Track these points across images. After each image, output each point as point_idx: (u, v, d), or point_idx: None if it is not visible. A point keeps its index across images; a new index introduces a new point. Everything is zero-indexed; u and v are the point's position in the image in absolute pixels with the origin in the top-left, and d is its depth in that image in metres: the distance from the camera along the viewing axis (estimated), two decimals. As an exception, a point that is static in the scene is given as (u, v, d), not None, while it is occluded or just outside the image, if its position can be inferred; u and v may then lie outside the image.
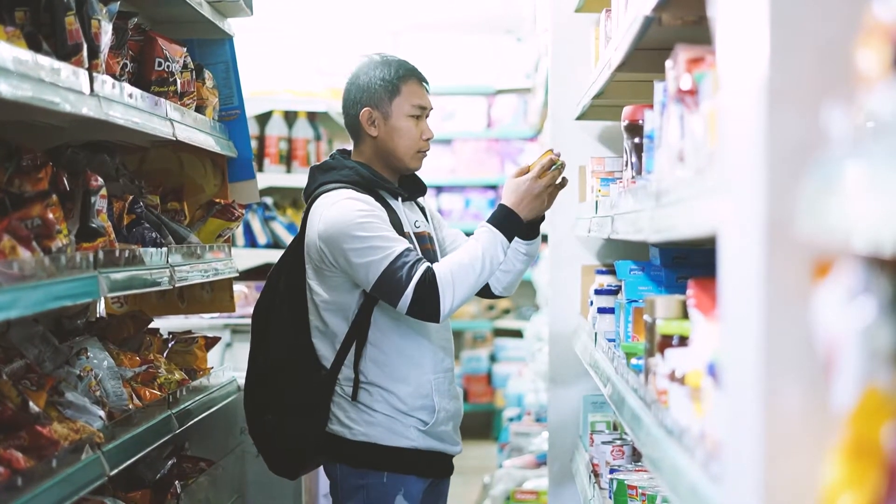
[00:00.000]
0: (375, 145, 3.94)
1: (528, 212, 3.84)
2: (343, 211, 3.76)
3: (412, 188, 4.07)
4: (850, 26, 1.43)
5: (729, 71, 1.79)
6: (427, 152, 4.00)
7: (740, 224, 1.66)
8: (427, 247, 3.97)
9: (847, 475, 1.21)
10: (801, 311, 1.51)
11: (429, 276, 3.67)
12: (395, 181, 3.99)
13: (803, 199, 1.39)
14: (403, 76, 3.95)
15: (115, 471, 3.18)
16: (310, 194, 3.95)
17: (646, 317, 2.80)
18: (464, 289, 3.71)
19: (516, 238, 3.96)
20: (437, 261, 3.88)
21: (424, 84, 4.00)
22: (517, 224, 3.82)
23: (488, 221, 3.82)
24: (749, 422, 1.60)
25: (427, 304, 3.68)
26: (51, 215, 2.87)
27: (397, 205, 3.94)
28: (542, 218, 4.01)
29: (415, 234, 3.93)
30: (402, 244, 3.72)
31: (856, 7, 1.40)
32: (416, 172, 4.03)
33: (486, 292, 4.14)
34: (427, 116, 3.99)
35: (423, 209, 4.13)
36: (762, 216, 1.55)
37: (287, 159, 7.63)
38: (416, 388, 3.86)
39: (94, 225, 3.31)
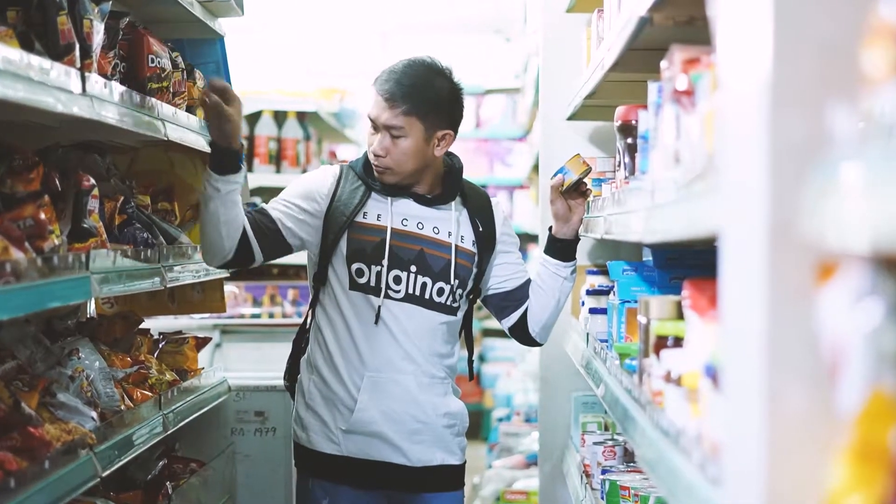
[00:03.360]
0: None
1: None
2: None
3: (447, 192, 3.92)
4: (855, 26, 1.42)
5: (730, 70, 1.78)
6: (381, 169, 3.82)
7: (742, 225, 1.65)
8: (405, 245, 3.82)
9: (853, 478, 1.21)
10: (805, 314, 1.50)
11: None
12: (427, 185, 3.88)
13: (807, 200, 1.38)
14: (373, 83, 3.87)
15: (108, 472, 3.17)
16: None
17: (640, 317, 2.80)
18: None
19: (554, 260, 3.95)
20: (422, 266, 3.81)
21: (378, 91, 3.82)
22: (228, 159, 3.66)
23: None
24: (751, 424, 1.59)
25: None
26: (43, 216, 2.86)
27: (380, 199, 3.84)
28: (578, 239, 3.99)
29: (393, 228, 3.81)
30: (274, 207, 3.82)
31: (861, 7, 1.40)
32: (464, 174, 3.98)
33: (524, 337, 4.07)
34: (385, 131, 3.79)
35: (475, 219, 3.93)
36: (765, 217, 1.54)
37: (277, 159, 7.60)
38: (342, 379, 3.80)
39: (85, 225, 3.30)
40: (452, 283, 3.84)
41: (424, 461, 3.83)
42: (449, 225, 3.89)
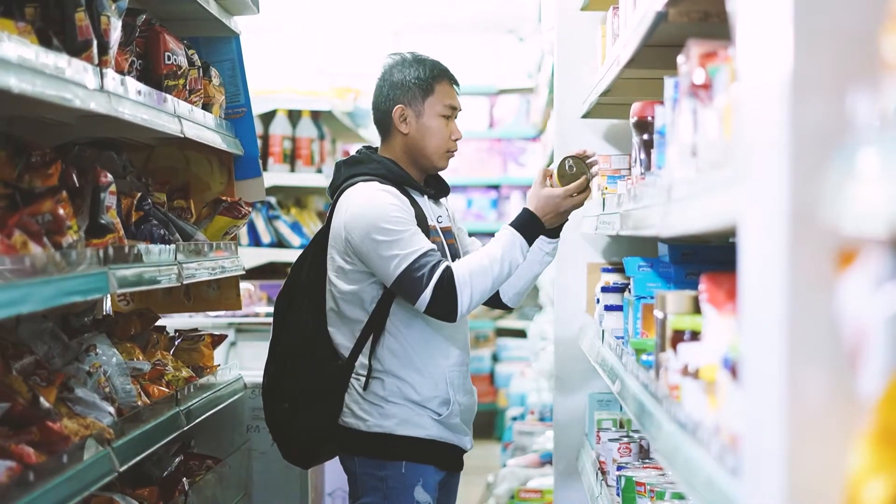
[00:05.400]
0: (405, 143, 3.96)
1: (550, 224, 3.87)
2: (373, 202, 3.79)
3: (436, 187, 4.09)
4: (875, 14, 1.43)
5: (750, 61, 1.78)
6: (455, 152, 4.03)
7: (763, 214, 1.66)
8: (451, 241, 3.99)
9: (875, 462, 1.21)
10: (825, 300, 1.51)
11: (447, 276, 3.69)
12: (420, 180, 4.01)
13: (827, 188, 1.39)
14: (437, 76, 3.98)
15: (125, 467, 3.18)
16: (336, 188, 3.97)
17: (656, 312, 2.80)
18: (481, 290, 3.74)
19: (542, 236, 3.95)
20: (460, 257, 3.92)
21: (456, 85, 4.03)
22: (539, 231, 3.85)
23: (511, 224, 3.85)
24: (772, 412, 1.60)
25: (444, 304, 3.71)
26: (61, 211, 2.87)
27: (423, 201, 3.96)
28: (566, 219, 4.00)
29: (440, 228, 3.96)
30: (426, 243, 3.75)
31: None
32: (440, 173, 4.07)
33: (495, 301, 4.15)
34: (456, 117, 4.02)
35: (445, 208, 4.14)
36: (786, 205, 1.55)
37: (291, 158, 7.62)
38: (431, 379, 3.87)
39: (103, 221, 3.31)
40: None
41: (470, 444, 4.05)
42: (444, 213, 4.08)
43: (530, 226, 3.83)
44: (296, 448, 4.10)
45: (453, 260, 3.91)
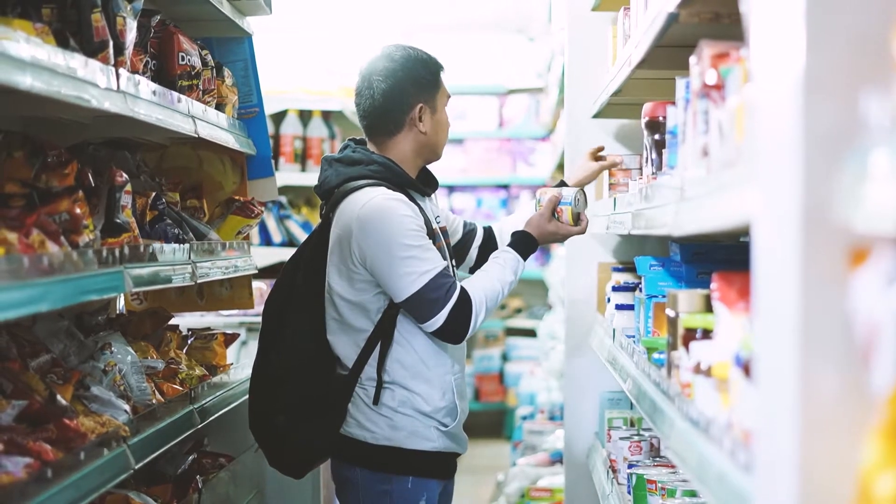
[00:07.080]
0: (419, 141, 3.85)
1: (544, 244, 4.03)
2: (388, 214, 3.64)
3: (427, 182, 3.97)
4: (886, 16, 1.45)
5: (762, 61, 1.80)
6: None
7: (776, 213, 1.68)
8: (447, 241, 3.93)
9: (887, 457, 1.23)
10: (838, 298, 1.53)
11: (464, 301, 3.66)
12: (415, 177, 3.90)
13: (840, 187, 1.41)
14: (440, 67, 3.92)
15: (140, 464, 3.20)
16: (332, 187, 3.80)
17: (668, 311, 2.82)
18: (489, 313, 3.76)
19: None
20: (450, 255, 3.91)
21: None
22: (533, 251, 3.96)
23: (514, 249, 3.88)
24: (785, 408, 1.62)
25: (457, 328, 3.67)
26: (78, 210, 2.90)
27: (424, 203, 3.85)
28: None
29: (439, 229, 3.87)
30: (439, 259, 3.67)
31: (892, -3, 1.42)
32: (428, 166, 3.99)
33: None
34: None
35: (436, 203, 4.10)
36: (798, 204, 1.57)
37: (302, 158, 7.65)
38: (439, 389, 3.77)
39: (118, 221, 3.33)
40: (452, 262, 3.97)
41: (466, 446, 3.97)
42: (438, 210, 4.04)
43: (530, 250, 3.93)
44: (291, 459, 3.99)
45: (450, 258, 3.90)
